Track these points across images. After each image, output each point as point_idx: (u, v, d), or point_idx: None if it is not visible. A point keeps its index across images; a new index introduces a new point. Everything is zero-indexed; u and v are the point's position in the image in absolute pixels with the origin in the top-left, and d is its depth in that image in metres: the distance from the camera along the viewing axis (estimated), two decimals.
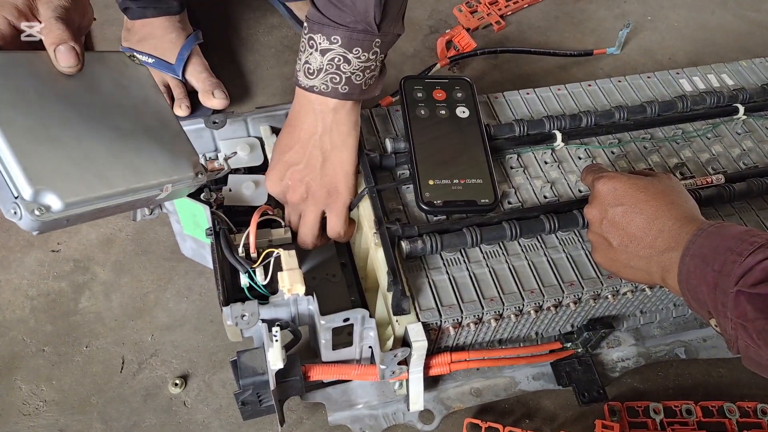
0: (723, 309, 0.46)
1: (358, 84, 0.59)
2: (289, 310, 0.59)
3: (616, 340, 0.78)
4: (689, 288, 0.49)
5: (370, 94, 0.62)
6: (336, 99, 0.60)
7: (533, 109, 0.76)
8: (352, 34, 0.57)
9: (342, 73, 0.58)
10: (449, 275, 0.61)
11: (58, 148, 0.47)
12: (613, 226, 0.55)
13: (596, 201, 0.58)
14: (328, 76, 0.58)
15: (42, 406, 0.73)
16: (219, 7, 1.16)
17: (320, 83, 0.59)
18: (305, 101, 0.62)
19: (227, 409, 0.74)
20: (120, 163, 0.50)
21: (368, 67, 0.59)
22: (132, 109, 0.55)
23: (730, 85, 0.81)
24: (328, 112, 0.61)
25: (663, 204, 0.54)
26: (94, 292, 0.82)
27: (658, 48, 1.19)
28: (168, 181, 0.54)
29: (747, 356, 0.47)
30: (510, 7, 1.21)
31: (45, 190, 0.44)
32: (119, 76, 0.56)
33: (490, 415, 0.74)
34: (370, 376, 0.62)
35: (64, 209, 0.45)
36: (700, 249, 0.49)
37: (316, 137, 0.62)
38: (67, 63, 0.50)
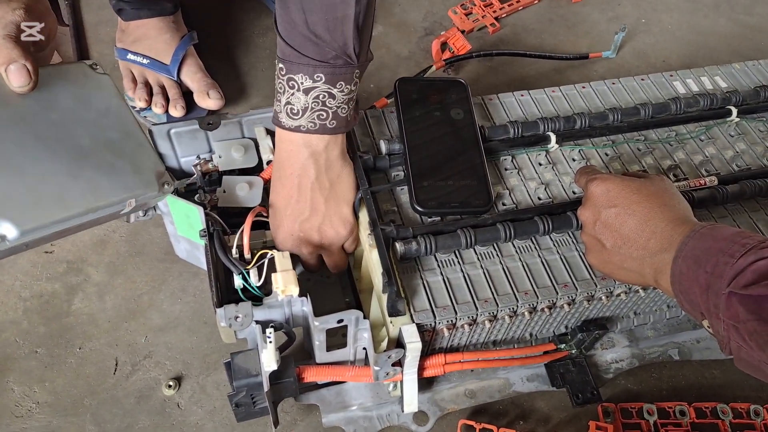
0: (715, 310, 0.46)
1: (343, 117, 0.59)
2: (283, 311, 0.59)
3: (610, 341, 0.78)
4: (682, 290, 0.50)
5: (353, 124, 0.62)
6: (325, 135, 0.59)
7: (527, 110, 0.77)
8: (335, 69, 0.56)
9: (328, 108, 0.58)
10: (443, 276, 0.61)
11: (12, 174, 0.46)
12: (606, 227, 0.56)
13: (589, 202, 0.58)
14: (314, 113, 0.57)
15: (35, 407, 0.73)
16: (214, 9, 1.16)
17: (307, 122, 0.58)
18: (291, 145, 0.60)
19: (221, 410, 0.73)
20: (79, 184, 0.50)
21: (350, 98, 0.59)
22: (92, 123, 0.54)
23: (723, 88, 0.81)
24: (320, 152, 0.60)
25: (656, 206, 0.54)
26: (88, 294, 0.81)
27: (652, 51, 1.20)
28: (130, 196, 0.53)
29: (739, 357, 0.47)
30: (505, 10, 1.22)
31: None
32: (79, 89, 0.55)
33: (485, 417, 0.74)
34: (364, 378, 0.62)
35: (19, 237, 0.45)
36: (692, 251, 0.49)
37: (313, 181, 0.61)
38: (19, 82, 0.49)
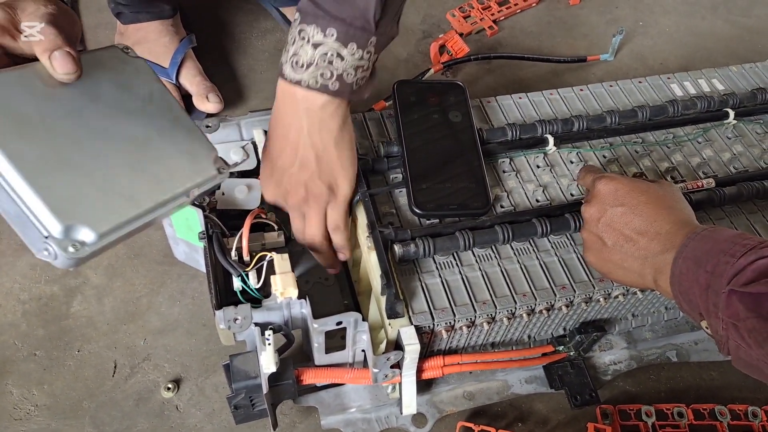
0: (714, 309, 0.47)
1: (349, 83, 0.57)
2: (282, 313, 0.59)
3: (608, 343, 0.78)
4: (681, 290, 0.50)
5: (360, 96, 0.59)
6: (324, 95, 0.57)
7: (525, 113, 0.77)
8: (349, 29, 0.54)
9: (334, 69, 0.55)
10: (442, 279, 0.61)
11: (76, 173, 0.43)
12: (610, 226, 0.56)
13: (596, 200, 0.58)
14: (318, 71, 0.55)
15: (33, 410, 0.73)
16: (212, 11, 1.16)
17: (309, 77, 0.55)
18: (289, 98, 0.58)
19: (220, 413, 0.73)
20: (143, 178, 0.47)
21: (361, 66, 0.56)
22: (140, 112, 0.50)
23: (721, 90, 0.82)
24: (315, 110, 0.58)
25: (662, 208, 0.54)
26: (86, 296, 0.81)
27: (650, 53, 1.20)
28: (193, 186, 0.50)
29: (737, 357, 0.47)
30: (503, 12, 1.22)
31: (75, 224, 0.41)
32: (119, 76, 0.51)
33: (483, 419, 0.74)
34: (363, 380, 0.62)
35: (97, 241, 0.42)
36: (693, 252, 0.49)
37: (304, 136, 0.59)
38: (65, 69, 0.46)
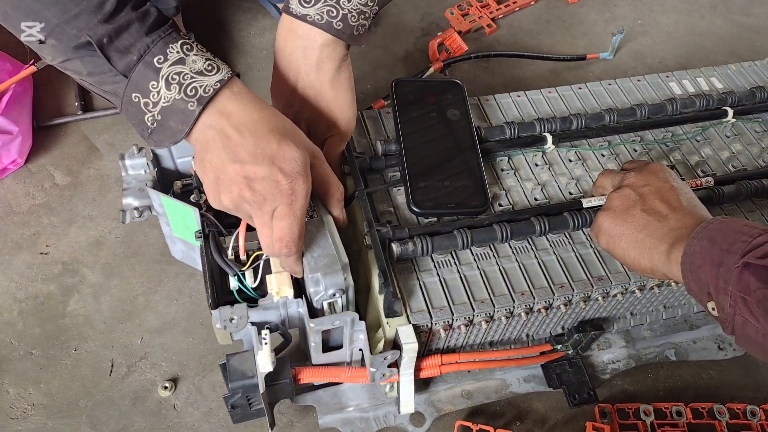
0: (725, 285, 0.48)
1: (352, 25, 0.58)
2: (278, 312, 0.59)
3: (607, 342, 0.78)
4: (692, 268, 0.51)
5: (358, 42, 0.59)
6: (327, 34, 0.57)
7: (524, 111, 0.76)
8: None
9: (340, 8, 0.57)
10: (440, 277, 0.61)
11: None
12: (655, 192, 0.58)
13: (648, 171, 0.60)
14: (325, 7, 0.56)
15: (30, 409, 0.72)
16: (211, 10, 1.16)
17: (315, 13, 0.56)
18: (290, 35, 0.59)
19: (217, 412, 0.73)
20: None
21: (364, 12, 0.58)
22: None
23: (720, 89, 0.82)
24: (314, 49, 0.58)
25: (694, 199, 0.59)
26: (83, 295, 0.81)
27: (649, 52, 1.20)
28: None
29: (743, 334, 0.48)
30: (501, 11, 1.22)
31: None
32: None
33: (481, 418, 0.74)
34: (361, 379, 0.62)
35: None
36: (709, 233, 0.51)
37: (302, 75, 0.60)
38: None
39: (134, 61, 0.50)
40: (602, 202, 0.64)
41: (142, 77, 0.50)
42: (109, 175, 0.92)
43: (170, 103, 0.50)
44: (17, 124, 0.88)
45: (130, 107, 0.52)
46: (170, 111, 0.51)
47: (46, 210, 0.88)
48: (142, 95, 0.51)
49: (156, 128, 0.52)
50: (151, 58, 0.50)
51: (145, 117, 0.51)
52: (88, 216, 0.88)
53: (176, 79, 0.50)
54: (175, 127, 0.51)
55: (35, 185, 0.91)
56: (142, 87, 0.51)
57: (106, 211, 0.89)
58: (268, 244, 0.53)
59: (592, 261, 0.64)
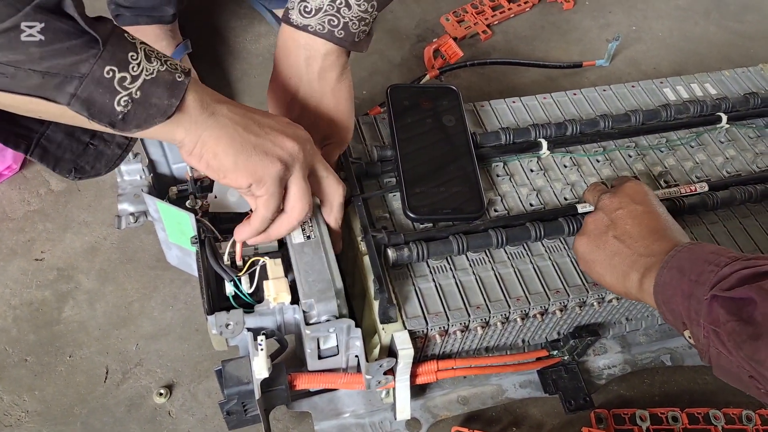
0: (696, 317, 0.47)
1: (353, 33, 0.58)
2: (274, 319, 0.59)
3: (603, 347, 0.78)
4: (664, 299, 0.51)
5: (359, 48, 0.60)
6: (329, 43, 0.58)
7: (519, 117, 0.77)
8: None
9: (341, 16, 0.57)
10: (436, 283, 0.61)
11: None
12: (627, 216, 0.58)
13: (622, 193, 0.60)
14: (326, 16, 0.57)
15: (24, 416, 0.72)
16: (206, 16, 1.16)
17: (317, 23, 0.57)
18: (292, 45, 0.59)
19: (212, 418, 0.73)
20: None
21: (364, 18, 0.58)
22: None
23: (713, 95, 0.82)
24: (317, 58, 0.59)
25: (669, 222, 0.58)
26: (78, 301, 0.81)
27: (643, 58, 1.21)
28: None
29: (718, 364, 0.47)
30: (496, 17, 1.22)
31: None
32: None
33: (477, 424, 0.74)
34: (357, 385, 0.62)
35: None
36: (678, 261, 0.51)
37: (304, 84, 0.60)
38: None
39: (109, 30, 0.43)
40: None
41: (119, 45, 0.43)
42: (104, 181, 0.92)
43: (154, 75, 0.45)
44: None
45: (95, 89, 0.43)
46: (155, 84, 0.45)
47: (41, 216, 0.88)
48: (119, 68, 0.43)
49: (131, 110, 0.44)
50: (121, 32, 0.44)
51: (117, 98, 0.44)
52: (83, 222, 0.88)
53: (153, 53, 0.46)
54: (160, 103, 0.45)
55: (30, 191, 0.91)
56: (119, 58, 0.43)
57: (101, 217, 0.88)
58: (334, 188, 0.58)
59: None
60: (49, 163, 0.52)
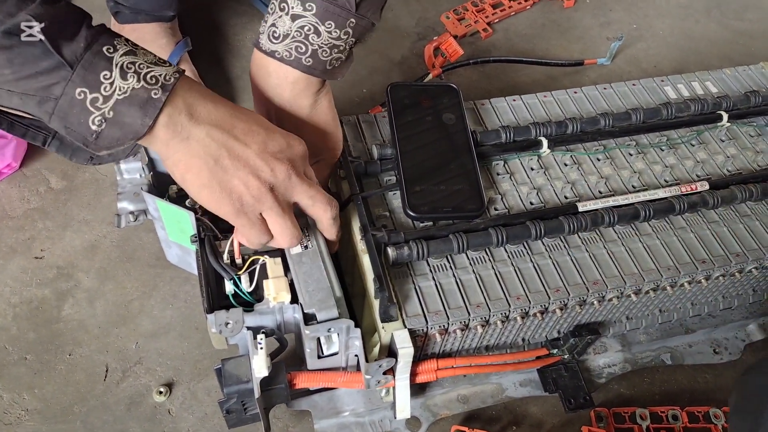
0: None
1: (323, 60, 0.55)
2: (274, 317, 0.58)
3: (603, 346, 0.78)
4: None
5: (333, 76, 0.57)
6: (297, 71, 0.55)
7: (519, 115, 0.77)
8: (329, 5, 0.53)
9: (309, 44, 0.54)
10: (436, 281, 0.61)
11: None
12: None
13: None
14: (293, 43, 0.54)
15: (24, 415, 0.72)
16: (206, 13, 1.16)
17: (284, 49, 0.54)
18: (262, 72, 0.57)
19: (212, 417, 0.73)
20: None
21: (337, 46, 0.55)
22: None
23: (714, 93, 0.82)
24: (286, 86, 0.57)
25: None
26: (78, 300, 0.81)
27: (644, 56, 1.20)
28: None
29: None
30: (497, 15, 1.22)
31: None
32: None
33: (477, 422, 0.74)
34: (356, 384, 0.61)
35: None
36: None
37: (277, 110, 0.59)
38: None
39: (81, 49, 0.43)
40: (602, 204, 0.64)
41: (90, 67, 0.43)
42: (104, 179, 0.92)
43: (128, 94, 0.44)
44: None
45: (69, 110, 0.43)
46: (127, 103, 0.44)
47: (40, 214, 0.88)
48: (90, 89, 0.43)
49: (105, 130, 0.44)
50: (99, 47, 0.43)
51: (91, 118, 0.44)
52: (83, 220, 0.88)
53: (132, 68, 0.44)
54: (133, 123, 0.44)
55: (30, 189, 0.90)
56: (90, 79, 0.43)
57: (101, 216, 0.88)
58: (322, 211, 0.56)
59: (588, 265, 0.64)
60: (66, 154, 0.53)
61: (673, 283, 0.65)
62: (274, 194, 0.52)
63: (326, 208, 0.56)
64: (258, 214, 0.52)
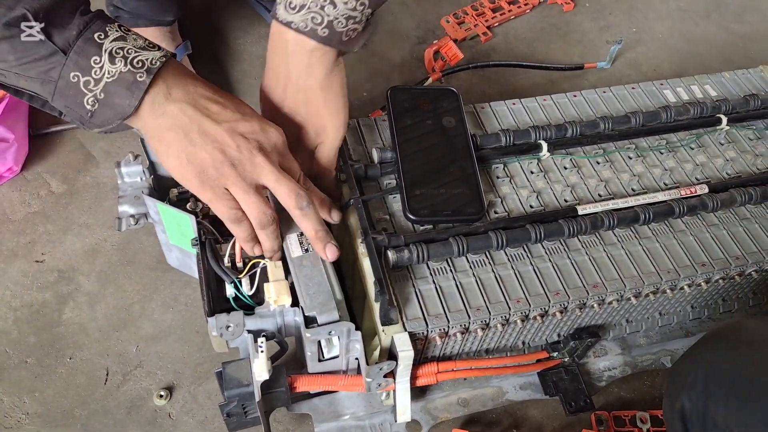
0: None
1: (338, 32, 0.56)
2: (275, 321, 0.59)
3: (603, 349, 0.78)
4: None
5: (350, 47, 0.58)
6: (313, 41, 0.56)
7: (519, 119, 0.77)
8: None
9: (325, 14, 0.55)
10: (436, 285, 0.61)
11: None
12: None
13: None
14: (309, 14, 0.55)
15: (24, 418, 0.72)
16: (207, 17, 1.16)
17: (300, 20, 0.55)
18: (280, 41, 0.58)
19: (213, 420, 0.73)
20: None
21: (353, 17, 0.56)
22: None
23: (713, 96, 0.82)
24: (303, 54, 0.57)
25: None
26: (79, 303, 0.81)
27: (644, 59, 1.21)
28: None
29: None
30: (497, 19, 1.22)
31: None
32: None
33: (478, 426, 0.74)
34: (357, 387, 0.61)
35: None
36: None
37: (292, 81, 0.59)
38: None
39: (74, 36, 0.48)
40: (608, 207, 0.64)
41: (82, 53, 0.48)
42: (105, 183, 0.92)
43: (116, 77, 0.48)
44: (13, 131, 0.88)
45: (66, 91, 0.49)
46: (116, 85, 0.49)
47: (41, 218, 0.88)
48: (82, 73, 0.48)
49: (98, 109, 0.49)
50: (91, 34, 0.48)
51: (85, 99, 0.49)
52: (83, 224, 0.88)
53: (120, 53, 0.49)
54: (122, 103, 0.49)
55: (31, 193, 0.91)
56: (82, 64, 0.48)
57: (101, 219, 0.89)
58: (287, 196, 0.55)
59: (588, 268, 0.64)
60: (55, 112, 0.55)
61: (673, 286, 0.65)
62: (238, 170, 0.53)
63: (291, 194, 0.55)
64: (223, 188, 0.54)
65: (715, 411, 0.48)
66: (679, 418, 0.52)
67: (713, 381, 0.50)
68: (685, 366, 0.55)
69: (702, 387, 0.50)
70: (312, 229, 0.58)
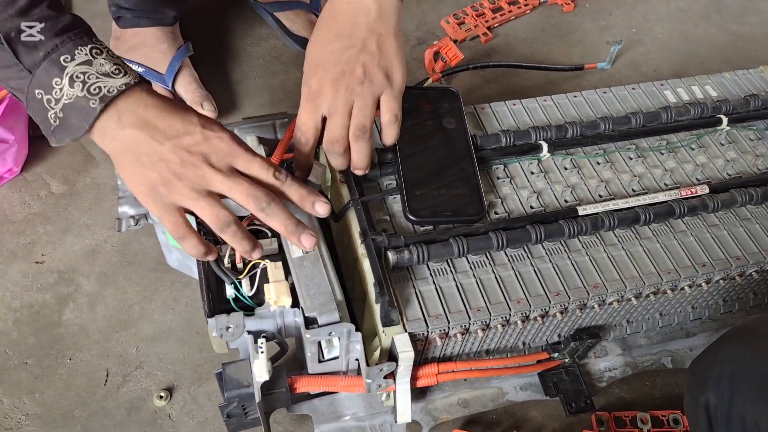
0: None
1: None
2: (275, 322, 0.59)
3: (603, 350, 0.78)
4: None
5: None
6: None
7: (519, 119, 0.77)
8: None
9: None
10: (436, 286, 0.61)
11: None
12: None
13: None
14: None
15: (24, 419, 0.72)
16: (208, 18, 1.16)
17: None
18: None
19: (213, 421, 0.73)
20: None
21: None
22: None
23: (714, 97, 0.82)
24: (372, 1, 0.61)
25: None
26: (79, 304, 0.81)
27: (644, 60, 1.21)
28: None
29: None
30: (497, 19, 1.22)
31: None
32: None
33: (478, 426, 0.74)
34: (357, 388, 0.61)
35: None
36: None
37: (370, 21, 0.61)
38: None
39: (40, 58, 0.51)
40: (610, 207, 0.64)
41: (45, 74, 0.51)
42: (105, 184, 0.92)
43: (72, 100, 0.51)
44: (13, 132, 0.88)
45: (33, 104, 0.53)
46: (72, 108, 0.52)
47: (41, 219, 0.88)
48: (44, 92, 0.52)
49: (58, 126, 0.53)
50: (57, 57, 0.51)
51: (48, 114, 0.52)
52: (83, 225, 0.88)
53: (80, 78, 0.51)
54: (76, 125, 0.52)
55: (31, 194, 0.91)
56: (45, 84, 0.51)
57: (101, 220, 0.89)
58: (243, 201, 0.55)
59: (588, 269, 0.64)
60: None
61: (673, 286, 0.65)
62: (184, 184, 0.54)
63: (247, 198, 0.55)
64: (174, 205, 0.55)
65: (743, 408, 0.48)
66: (704, 413, 0.52)
67: (740, 377, 0.49)
68: (710, 361, 0.54)
69: (728, 382, 0.50)
70: (280, 225, 0.57)
